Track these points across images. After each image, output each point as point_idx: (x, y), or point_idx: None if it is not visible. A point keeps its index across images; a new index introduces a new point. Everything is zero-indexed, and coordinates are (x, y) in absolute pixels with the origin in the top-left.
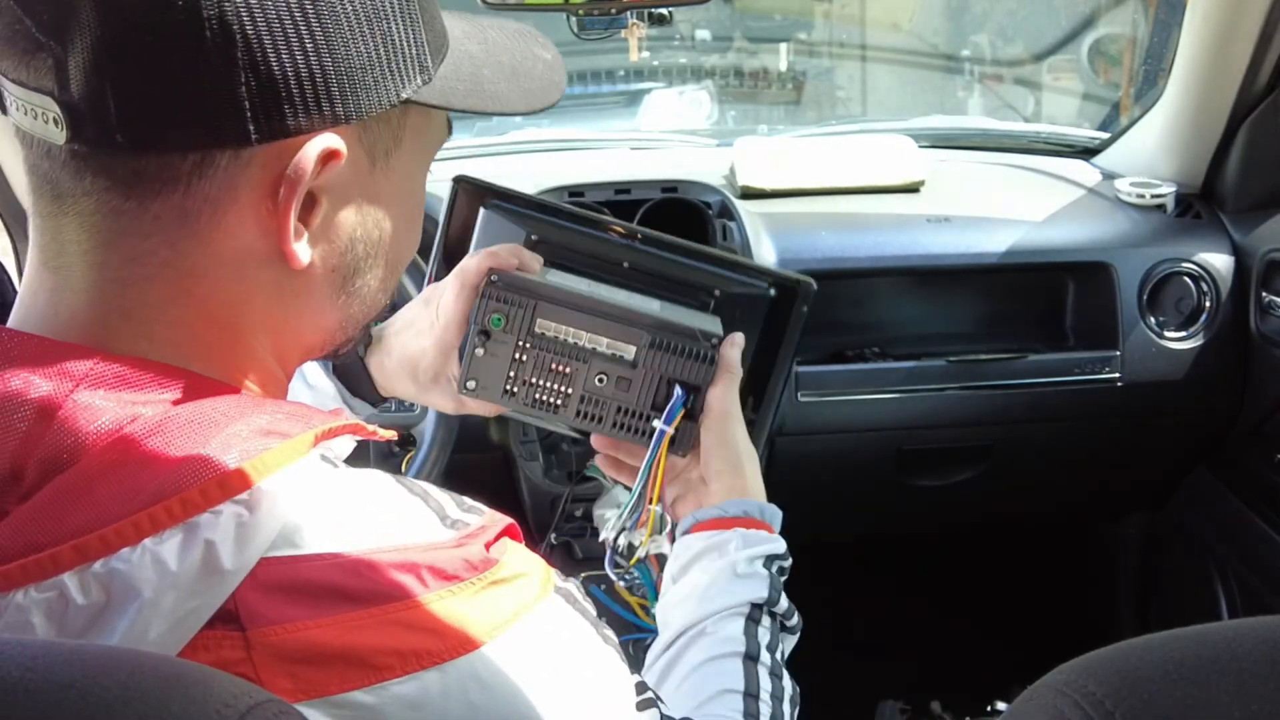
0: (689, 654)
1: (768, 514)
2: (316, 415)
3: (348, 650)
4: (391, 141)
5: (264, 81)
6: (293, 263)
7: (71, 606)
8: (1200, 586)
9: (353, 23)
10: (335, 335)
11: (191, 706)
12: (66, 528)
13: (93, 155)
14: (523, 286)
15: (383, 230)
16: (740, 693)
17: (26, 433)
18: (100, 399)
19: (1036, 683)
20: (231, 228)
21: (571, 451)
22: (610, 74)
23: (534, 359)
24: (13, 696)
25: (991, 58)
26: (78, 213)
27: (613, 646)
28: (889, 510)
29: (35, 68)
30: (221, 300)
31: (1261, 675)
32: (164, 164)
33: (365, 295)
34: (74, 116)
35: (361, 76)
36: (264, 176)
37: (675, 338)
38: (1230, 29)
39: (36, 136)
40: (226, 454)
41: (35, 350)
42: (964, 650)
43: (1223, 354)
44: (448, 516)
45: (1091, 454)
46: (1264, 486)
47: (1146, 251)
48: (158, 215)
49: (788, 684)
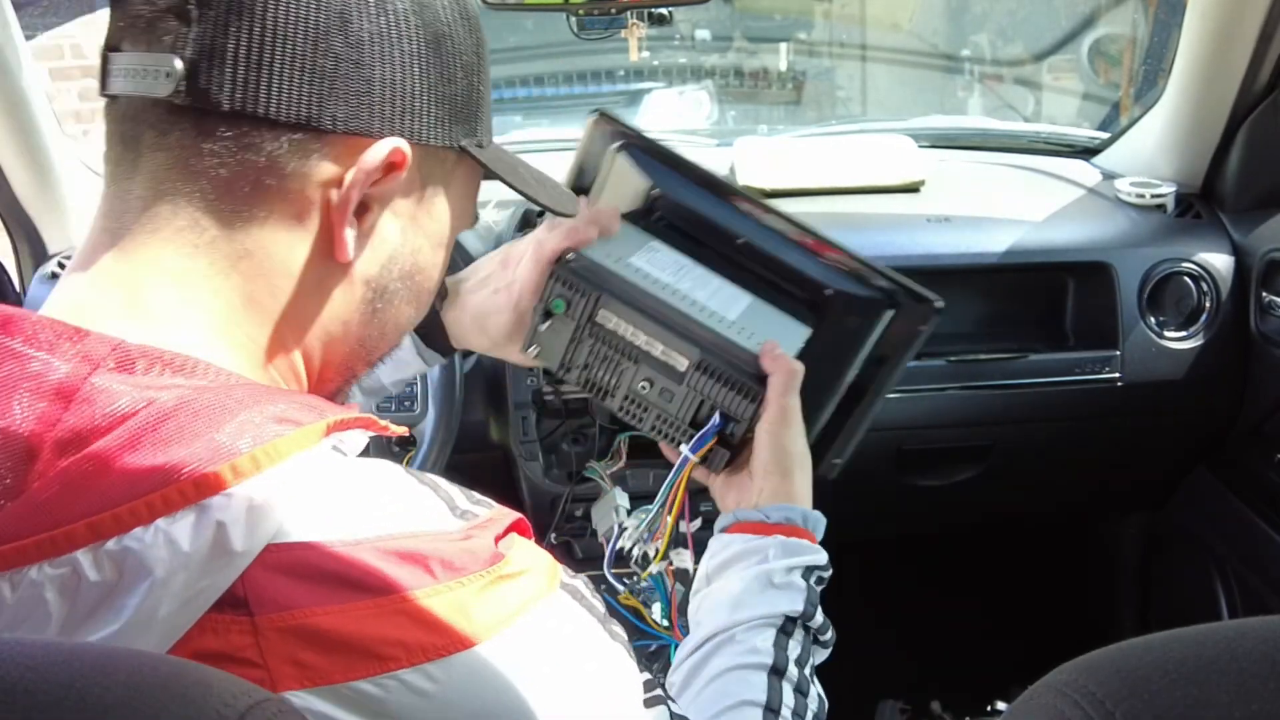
0: (716, 659)
1: (810, 521)
2: (330, 407)
3: (354, 639)
4: (442, 181)
5: (364, 82)
6: (339, 252)
7: (84, 583)
8: (1200, 586)
9: (452, 61)
10: (355, 354)
11: (191, 706)
12: (81, 506)
13: (188, 111)
14: (591, 276)
15: (417, 260)
16: (761, 706)
17: (44, 413)
18: (118, 383)
19: (1036, 683)
20: (291, 209)
21: (571, 451)
22: (610, 74)
23: (590, 346)
24: (12, 696)
25: (991, 58)
26: (151, 171)
27: (620, 643)
28: (889, 510)
29: (163, 29)
30: (265, 282)
31: (1261, 675)
32: (253, 131)
33: (390, 318)
34: (189, 70)
35: (439, 109)
36: (335, 165)
37: (725, 366)
38: (1230, 29)
39: (136, 97)
40: (240, 439)
41: (59, 334)
42: (964, 650)
43: (1223, 354)
44: (457, 507)
45: (1091, 454)
46: (1264, 486)
47: (1146, 251)
48: (229, 180)
49: (813, 701)
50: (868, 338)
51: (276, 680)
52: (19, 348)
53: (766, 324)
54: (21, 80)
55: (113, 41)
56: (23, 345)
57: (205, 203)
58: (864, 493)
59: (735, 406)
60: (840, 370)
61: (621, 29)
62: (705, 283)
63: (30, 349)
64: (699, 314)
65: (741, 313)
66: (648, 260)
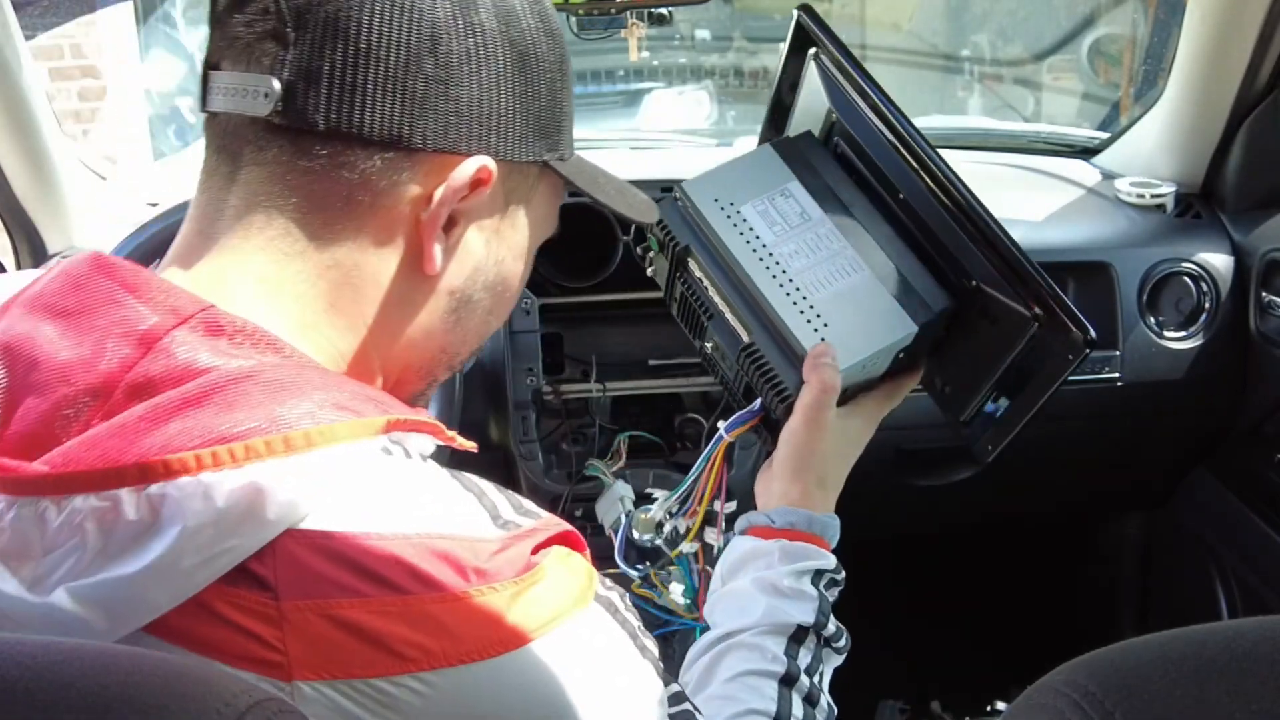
0: (727, 662)
1: (816, 526)
2: (397, 406)
3: (376, 635)
4: (525, 196)
5: (454, 102)
6: (427, 264)
7: (121, 520)
8: (1200, 586)
9: (537, 78)
10: (436, 359)
11: (191, 706)
12: (135, 449)
13: (285, 130)
14: (688, 221)
15: (499, 271)
16: (771, 716)
17: (126, 357)
18: (198, 341)
19: (1036, 683)
20: (382, 223)
21: (571, 451)
22: (610, 74)
23: (681, 287)
24: (12, 696)
25: (991, 58)
26: (247, 183)
27: (650, 660)
28: (888, 510)
29: (263, 51)
30: (350, 291)
31: (1261, 675)
32: (347, 149)
33: (473, 326)
34: (286, 91)
35: (524, 126)
36: (425, 181)
37: (771, 357)
38: (1230, 29)
39: (236, 115)
40: (298, 415)
41: (159, 288)
42: (964, 650)
43: (1222, 354)
44: (500, 517)
45: (1091, 454)
46: (1264, 486)
47: (1146, 251)
48: (324, 194)
49: (821, 711)
50: (1009, 347)
51: (293, 667)
52: (123, 296)
53: (861, 311)
54: (21, 80)
55: (213, 60)
56: (127, 294)
57: (298, 215)
58: (862, 492)
59: (772, 402)
60: (982, 366)
61: (621, 29)
62: (819, 246)
63: (131, 297)
64: (775, 290)
65: (836, 293)
66: (765, 209)
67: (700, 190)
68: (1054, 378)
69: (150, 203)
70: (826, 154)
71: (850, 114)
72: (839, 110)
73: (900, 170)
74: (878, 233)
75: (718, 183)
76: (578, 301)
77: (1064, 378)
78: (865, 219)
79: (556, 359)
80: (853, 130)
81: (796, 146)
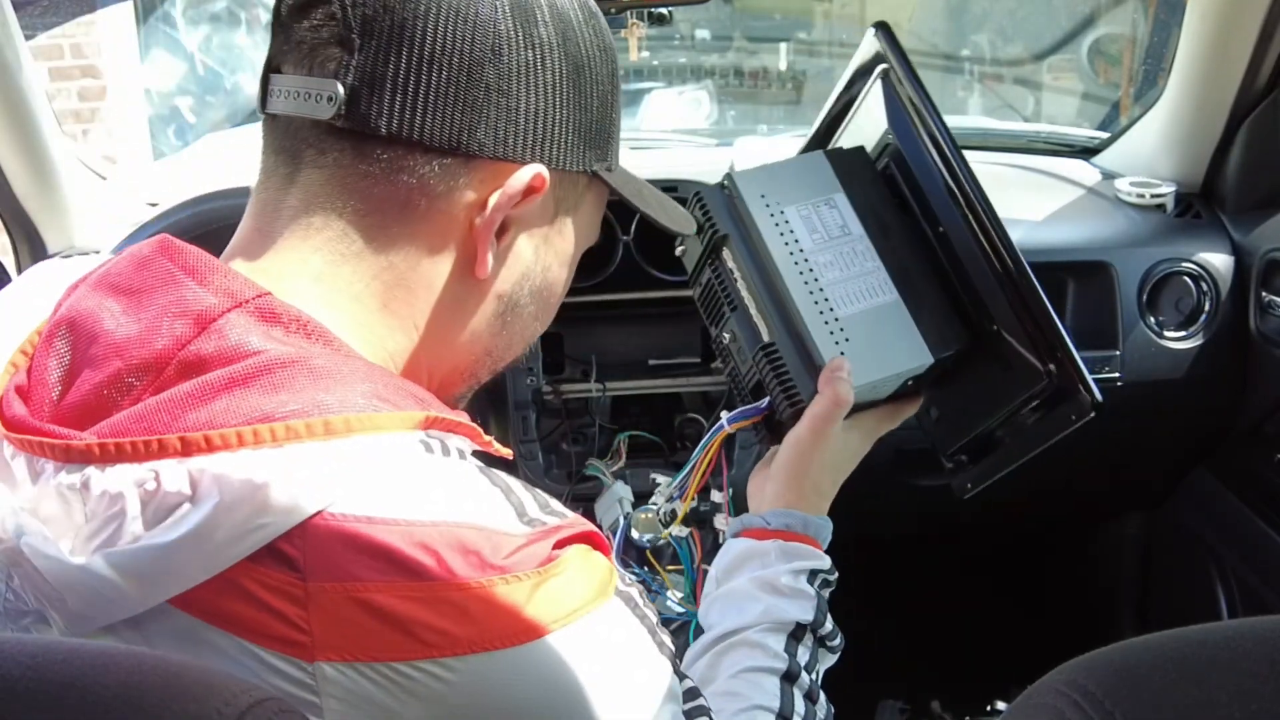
0: (731, 657)
1: (811, 528)
2: (435, 404)
3: (400, 619)
4: (574, 202)
5: (512, 111)
6: (479, 269)
7: (161, 491)
8: (1200, 586)
9: (590, 89)
10: (481, 362)
11: (191, 705)
12: (180, 423)
13: (347, 134)
14: (730, 210)
15: (546, 278)
16: (774, 712)
17: (179, 336)
18: (251, 324)
19: (1036, 683)
20: (437, 228)
21: (571, 451)
22: None
23: (710, 273)
24: (13, 695)
25: (991, 58)
26: (307, 184)
27: (667, 655)
28: (888, 509)
29: (327, 56)
30: (403, 293)
31: (1261, 675)
32: (407, 154)
33: (519, 330)
34: (350, 95)
35: (576, 136)
36: (480, 188)
37: (789, 360)
38: (1230, 29)
39: (298, 118)
40: (340, 402)
41: (218, 272)
42: (964, 650)
43: (1222, 354)
44: (525, 514)
45: (1091, 454)
46: (1264, 486)
47: (1146, 251)
48: (381, 199)
49: (820, 708)
50: (1013, 395)
51: (316, 648)
52: (183, 277)
53: (883, 333)
54: (21, 80)
55: (275, 63)
56: (186, 276)
57: (356, 217)
58: (862, 492)
59: (780, 404)
60: (981, 408)
61: (621, 29)
62: (853, 262)
63: (191, 280)
64: (804, 296)
65: (862, 311)
66: (808, 214)
67: (749, 183)
68: (1050, 435)
69: (150, 203)
70: (875, 173)
71: (907, 139)
72: (896, 133)
73: (945, 204)
74: (912, 261)
75: (766, 179)
76: (578, 301)
77: (1060, 436)
78: (902, 245)
79: (556, 359)
80: (906, 155)
81: (848, 160)
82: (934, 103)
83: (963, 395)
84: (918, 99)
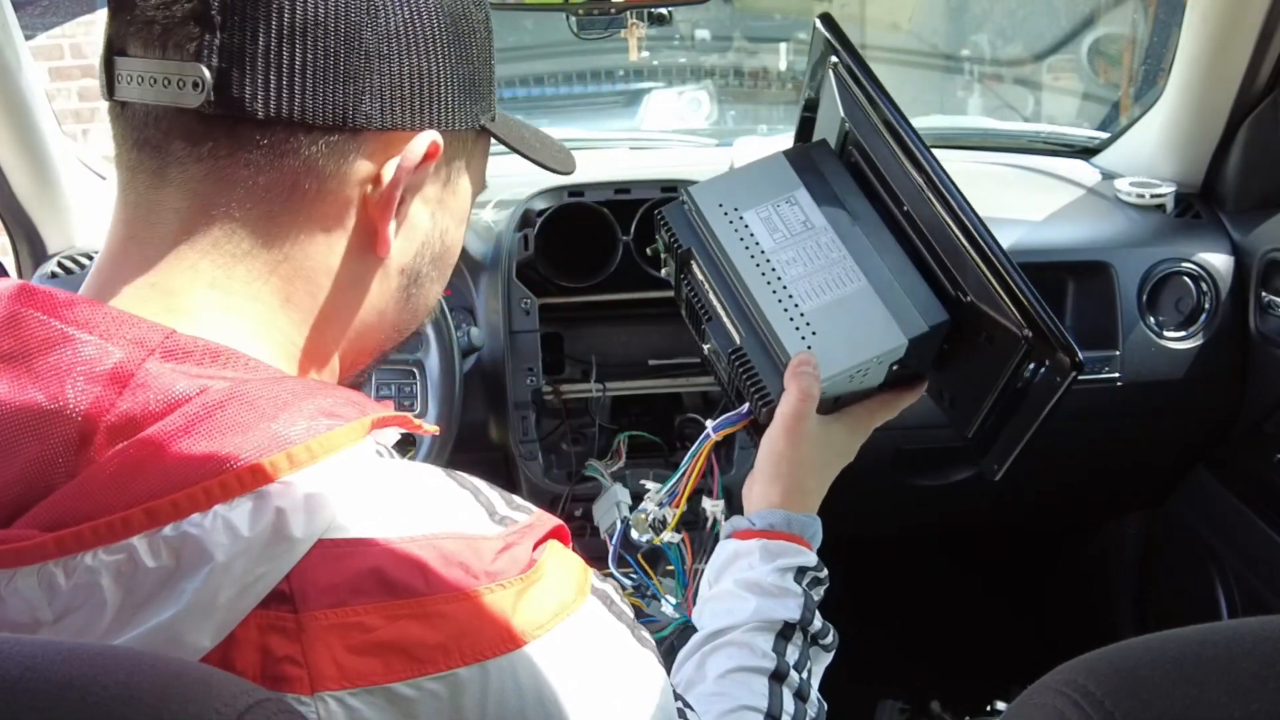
0: (717, 658)
1: (795, 526)
2: (370, 403)
3: (393, 640)
4: (464, 159)
5: (395, 76)
6: (380, 247)
7: (140, 569)
8: (1200, 586)
9: (469, 41)
10: (391, 336)
11: (191, 706)
12: (135, 492)
13: (220, 120)
14: (691, 225)
15: (444, 241)
16: (762, 712)
17: (98, 398)
18: (172, 370)
19: (1036, 683)
20: (329, 210)
21: (571, 451)
22: (610, 74)
23: (685, 289)
24: (12, 695)
25: (991, 58)
26: (182, 182)
27: (649, 649)
28: (887, 510)
29: (184, 36)
30: (304, 284)
31: (1261, 675)
32: (289, 136)
33: (421, 301)
34: (219, 79)
35: (462, 95)
36: (371, 161)
37: (757, 361)
38: (1230, 29)
39: (159, 107)
40: (293, 429)
41: (113, 319)
42: (964, 650)
43: (1222, 354)
44: (496, 513)
45: (1091, 454)
46: (1264, 486)
47: (1146, 251)
48: (267, 187)
49: (811, 706)
50: (1004, 365)
51: (316, 679)
52: (73, 332)
53: (851, 321)
54: (21, 80)
55: (118, 45)
56: (76, 330)
57: (241, 211)
58: (862, 492)
59: (757, 406)
60: (982, 383)
61: (621, 29)
62: (817, 255)
63: (84, 333)
64: (767, 296)
65: (829, 302)
66: (768, 215)
67: (705, 194)
68: (1045, 401)
69: None
70: (839, 163)
71: (861, 123)
72: (850, 119)
73: (904, 181)
74: (880, 244)
75: (724, 188)
76: (578, 301)
77: (1054, 401)
78: (869, 230)
79: (556, 359)
80: (862, 140)
81: (809, 155)
82: (879, 83)
83: (964, 376)
84: (864, 80)
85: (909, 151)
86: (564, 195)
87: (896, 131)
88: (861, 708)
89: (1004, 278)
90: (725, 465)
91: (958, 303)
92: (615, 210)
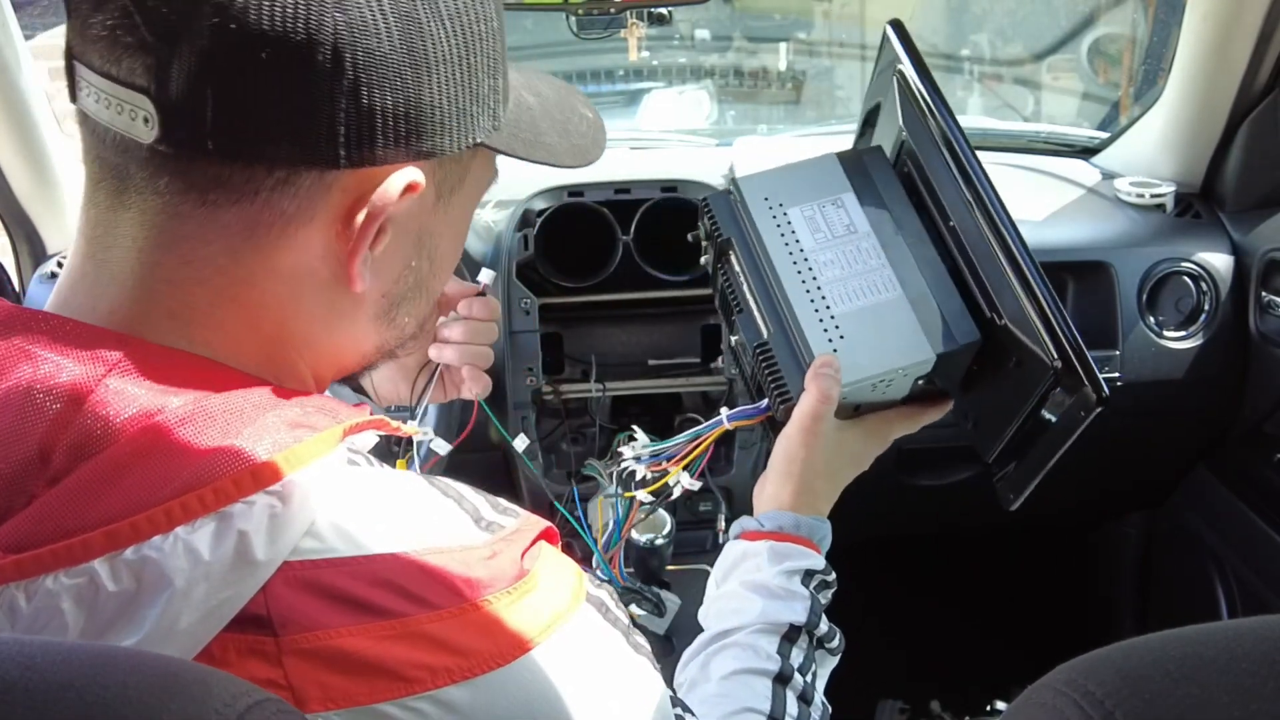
0: (722, 659)
1: (804, 528)
2: (344, 409)
3: (378, 661)
4: (457, 180)
5: (363, 110)
6: (354, 285)
7: (102, 593)
8: (1200, 586)
9: (448, 67)
10: (369, 357)
11: (190, 706)
12: (96, 514)
13: (176, 157)
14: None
15: (433, 262)
16: (765, 715)
17: (56, 416)
18: (132, 386)
19: (1036, 683)
20: (297, 245)
21: (571, 451)
22: (610, 74)
23: (721, 279)
24: (12, 696)
25: (991, 58)
26: (141, 210)
27: (645, 655)
28: (889, 510)
29: (133, 64)
30: (270, 312)
31: (1261, 675)
32: (248, 175)
33: (403, 324)
34: (167, 117)
35: (446, 117)
36: (342, 200)
37: (782, 359)
38: (1230, 29)
39: (115, 130)
40: (258, 445)
41: (70, 334)
42: (964, 650)
43: (1222, 354)
44: (482, 519)
45: (1091, 454)
46: (1264, 486)
47: (1146, 251)
48: (227, 224)
49: (816, 711)
50: (1030, 392)
51: (301, 702)
52: (31, 348)
53: (881, 330)
54: (21, 80)
55: (77, 50)
56: (34, 346)
57: (205, 247)
58: (863, 492)
59: (774, 402)
60: (1007, 409)
61: (621, 29)
62: (856, 260)
63: (42, 350)
64: (800, 294)
65: (862, 308)
66: (812, 214)
67: (752, 186)
68: (1067, 434)
69: None
70: (891, 171)
71: (918, 134)
72: (908, 129)
73: (954, 197)
74: (921, 257)
75: (772, 182)
76: (578, 301)
77: (1076, 434)
78: (912, 241)
79: (556, 359)
80: (917, 150)
81: (861, 160)
82: (941, 96)
83: (990, 398)
84: (927, 94)
85: (963, 168)
86: (564, 195)
87: (953, 146)
88: (862, 708)
89: (1041, 305)
90: (725, 465)
91: (991, 324)
92: (615, 210)
